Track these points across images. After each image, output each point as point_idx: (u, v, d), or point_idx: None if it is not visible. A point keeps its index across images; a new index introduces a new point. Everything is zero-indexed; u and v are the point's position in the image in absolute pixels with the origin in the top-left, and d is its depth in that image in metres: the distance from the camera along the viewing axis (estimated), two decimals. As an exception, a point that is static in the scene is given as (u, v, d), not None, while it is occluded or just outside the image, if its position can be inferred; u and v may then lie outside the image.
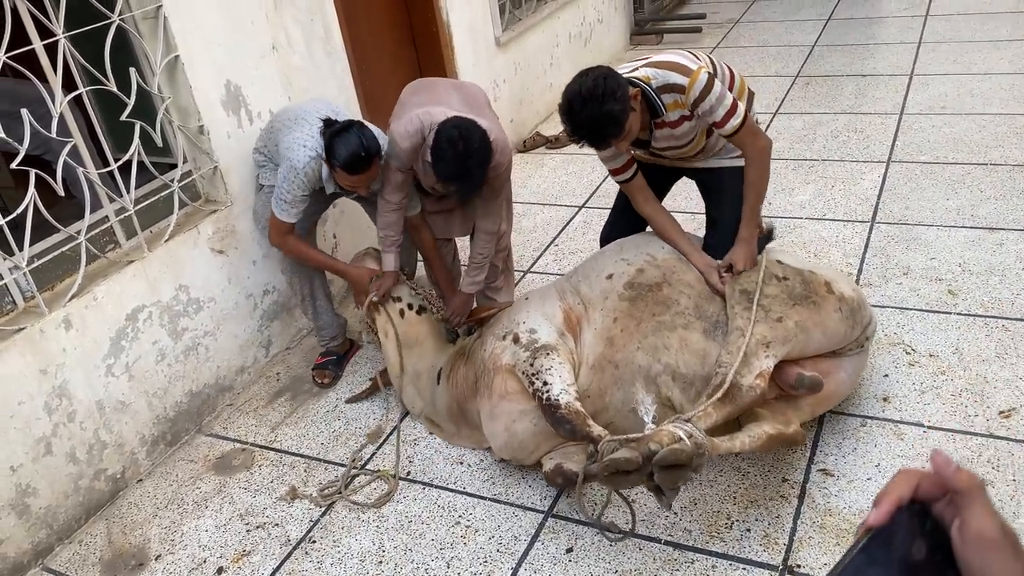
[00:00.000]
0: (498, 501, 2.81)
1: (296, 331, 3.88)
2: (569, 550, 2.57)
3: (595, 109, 2.45)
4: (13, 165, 2.67)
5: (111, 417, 3.02)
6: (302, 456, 3.16)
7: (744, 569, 2.41)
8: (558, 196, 4.91)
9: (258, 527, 2.84)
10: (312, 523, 2.83)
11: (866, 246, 3.90)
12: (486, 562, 2.58)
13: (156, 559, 2.80)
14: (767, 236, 2.93)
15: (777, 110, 5.65)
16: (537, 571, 2.52)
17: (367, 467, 3.05)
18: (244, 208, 3.48)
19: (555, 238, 4.47)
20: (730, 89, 2.75)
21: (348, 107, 4.06)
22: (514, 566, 2.55)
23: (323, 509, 2.87)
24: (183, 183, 3.28)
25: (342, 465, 3.07)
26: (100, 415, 2.98)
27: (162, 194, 3.23)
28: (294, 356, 3.77)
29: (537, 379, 2.62)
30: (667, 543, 2.54)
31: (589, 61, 6.42)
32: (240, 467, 3.14)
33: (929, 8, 7.32)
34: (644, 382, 2.66)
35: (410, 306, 3.22)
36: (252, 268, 3.59)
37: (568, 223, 4.59)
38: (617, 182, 2.94)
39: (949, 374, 3.03)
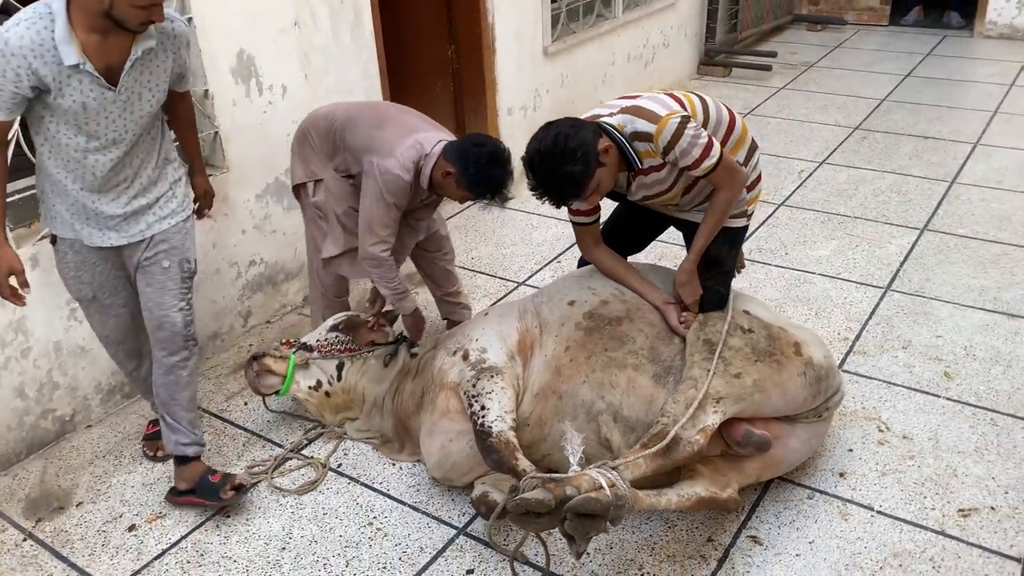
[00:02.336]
0: (416, 509, 2.74)
1: (279, 306, 3.90)
2: (470, 572, 2.49)
3: (553, 169, 2.34)
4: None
5: (67, 360, 3.07)
6: (245, 430, 3.16)
7: (639, 625, 2.29)
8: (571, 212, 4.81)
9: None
10: (231, 503, 2.81)
11: (872, 312, 3.70)
12: (384, 568, 2.52)
13: (77, 506, 2.83)
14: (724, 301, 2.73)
15: (824, 160, 5.43)
16: (432, 587, 2.45)
17: (303, 451, 3.02)
18: (240, 176, 3.51)
19: (559, 255, 4.38)
20: (728, 133, 2.62)
21: (370, 95, 4.07)
22: (410, 577, 2.48)
23: (247, 487, 2.85)
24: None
25: (281, 446, 3.06)
26: (56, 356, 3.03)
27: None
28: (271, 331, 3.78)
29: (476, 402, 2.56)
30: (567, 582, 2.43)
31: (647, 85, 6.34)
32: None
33: (1017, 78, 6.96)
34: (585, 418, 2.56)
35: (318, 384, 3.00)
36: (240, 237, 3.61)
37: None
38: (572, 222, 2.76)
39: (918, 460, 2.83)
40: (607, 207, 2.82)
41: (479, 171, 2.84)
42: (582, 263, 3.07)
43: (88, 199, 2.47)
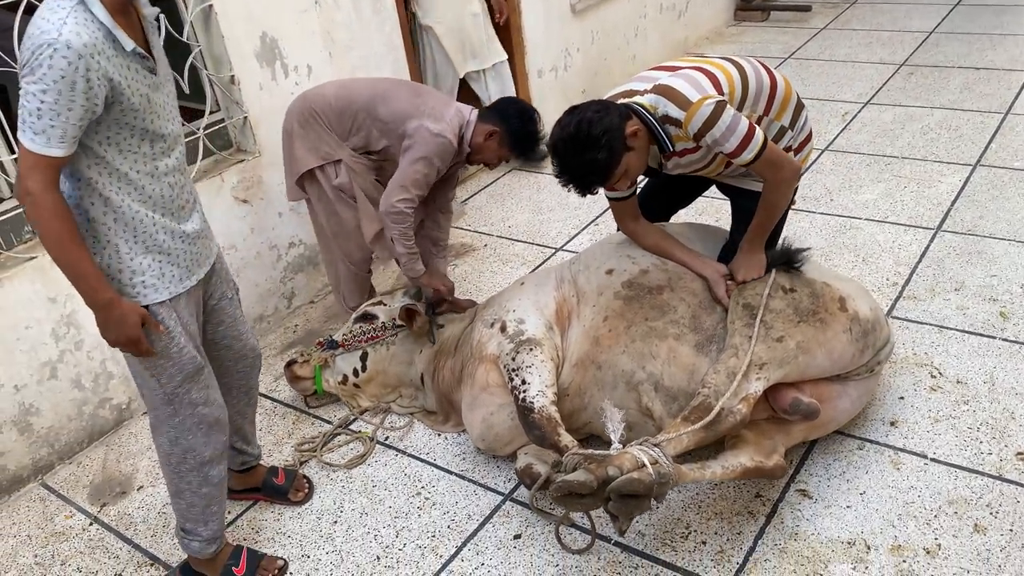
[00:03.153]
0: (463, 477, 2.77)
1: (322, 285, 3.95)
2: (517, 536, 2.52)
3: (578, 156, 2.27)
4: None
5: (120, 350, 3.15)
6: (294, 408, 3.22)
7: (688, 583, 2.29)
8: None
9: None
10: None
11: (922, 255, 3.58)
12: (434, 536, 2.56)
13: (138, 490, 2.93)
14: (788, 256, 2.60)
15: (869, 100, 5.25)
16: (480, 553, 2.48)
17: (351, 427, 3.08)
18: (272, 160, 3.54)
19: (596, 218, 4.34)
20: (771, 98, 2.49)
21: (396, 69, 4.05)
22: (459, 544, 2.51)
23: (299, 464, 2.92)
24: (209, 131, 3.36)
25: (329, 423, 3.11)
26: (109, 347, 3.11)
27: (187, 140, 3.31)
28: (315, 310, 3.84)
29: (517, 376, 2.55)
30: (616, 544, 2.43)
31: (682, 36, 6.19)
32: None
33: (1075, -2, 6.60)
34: (625, 388, 2.53)
35: (345, 378, 3.06)
36: (278, 220, 3.65)
37: (615, 202, 4.43)
38: (608, 198, 2.70)
39: (973, 404, 2.74)
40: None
41: (521, 127, 3.02)
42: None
43: (171, 225, 2.05)
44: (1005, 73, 5.36)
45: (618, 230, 2.91)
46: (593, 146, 2.25)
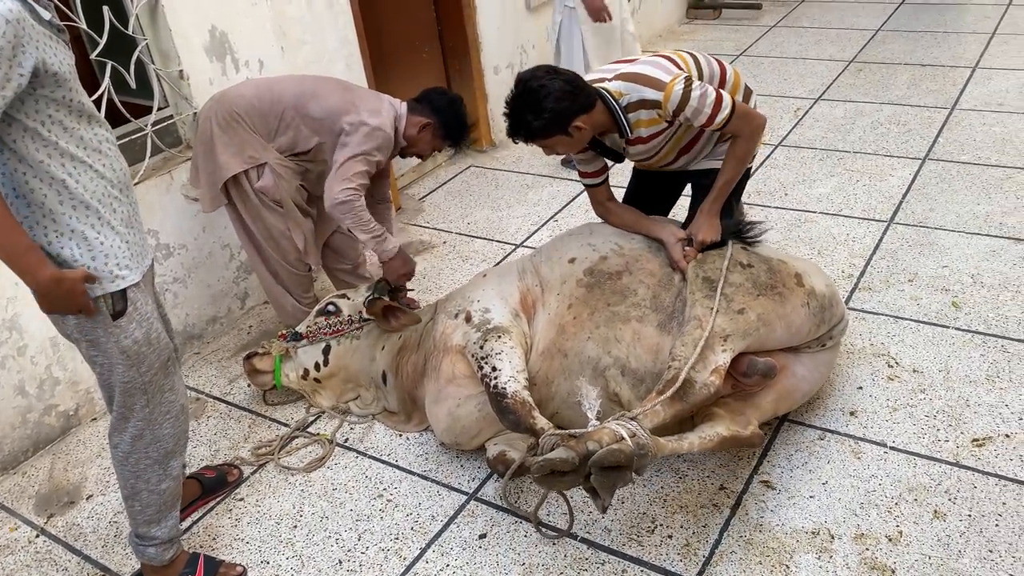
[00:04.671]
0: (425, 478, 2.72)
1: (277, 286, 3.86)
2: (482, 536, 2.48)
3: (519, 108, 2.40)
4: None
5: (65, 355, 3.04)
6: (250, 411, 3.14)
7: (655, 577, 2.28)
8: (568, 171, 4.74)
9: (190, 478, 2.83)
10: (242, 480, 2.80)
11: (876, 247, 3.63)
12: (397, 538, 2.51)
13: (87, 499, 2.82)
14: (741, 227, 2.70)
15: (820, 96, 5.32)
16: (445, 554, 2.43)
17: (309, 429, 3.01)
18: (224, 157, 3.44)
19: (556, 214, 4.32)
20: (721, 86, 2.62)
21: (350, 63, 3.98)
22: (423, 546, 2.47)
23: (254, 468, 2.85)
24: (157, 128, 3.26)
25: (286, 425, 3.04)
26: (54, 351, 3.01)
27: (133, 137, 3.21)
28: (270, 311, 3.75)
29: (486, 363, 2.51)
30: (582, 540, 2.41)
31: (636, 33, 6.17)
32: (190, 416, 3.13)
33: (1014, -3, 6.79)
34: (592, 374, 2.52)
35: (306, 372, 3.00)
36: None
37: (573, 200, 4.43)
38: (584, 184, 2.82)
39: (929, 393, 2.79)
40: (618, 179, 2.77)
41: (452, 116, 3.04)
42: None
43: (126, 199, 2.00)
44: (949, 69, 5.48)
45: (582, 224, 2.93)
46: (535, 112, 2.38)
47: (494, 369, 2.48)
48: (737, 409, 2.45)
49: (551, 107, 2.35)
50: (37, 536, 2.69)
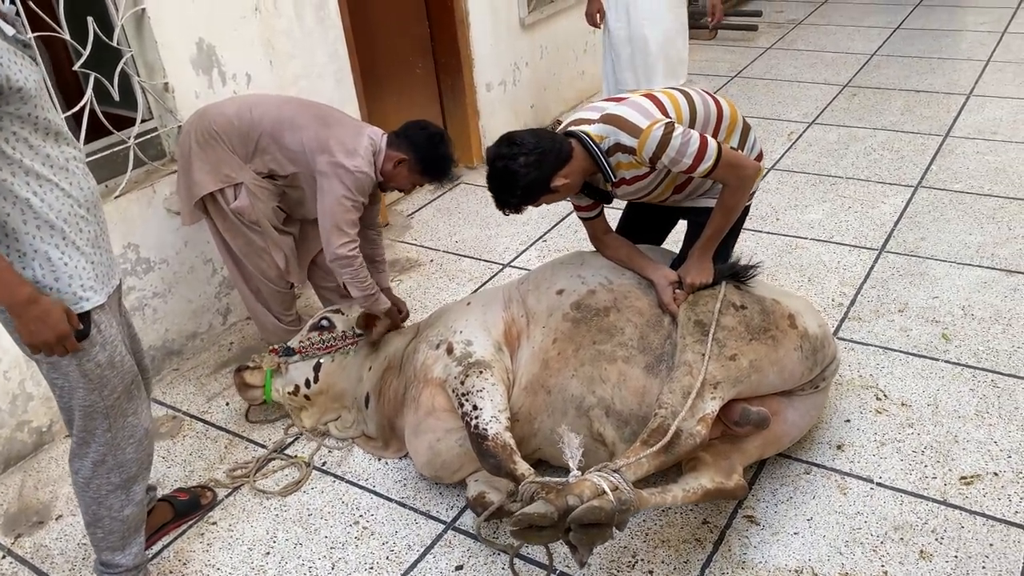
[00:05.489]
0: (403, 505, 2.67)
1: (260, 301, 3.80)
2: (459, 567, 2.42)
3: (496, 189, 2.38)
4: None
5: (39, 370, 2.98)
6: (227, 432, 3.07)
7: (634, 615, 2.22)
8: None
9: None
10: (215, 503, 2.74)
11: (867, 276, 3.60)
12: (371, 568, 2.44)
13: (57, 519, 2.75)
14: (736, 270, 2.61)
15: (814, 120, 5.30)
16: (420, 586, 2.38)
17: (286, 451, 2.95)
18: (208, 171, 3.39)
19: (544, 234, 4.28)
20: (718, 123, 2.54)
21: (340, 79, 3.95)
22: (398, 577, 2.41)
23: (229, 491, 2.78)
24: (140, 140, 3.21)
25: (264, 447, 2.98)
26: (28, 366, 2.95)
27: (116, 149, 3.16)
28: (252, 327, 3.68)
29: (467, 401, 2.45)
30: (561, 574, 2.35)
31: (684, 57, 6.17)
32: (165, 435, 3.07)
33: (1009, 24, 6.80)
34: (576, 413, 2.47)
35: (296, 389, 2.93)
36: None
37: (562, 220, 4.39)
38: (579, 217, 2.74)
39: (917, 427, 2.74)
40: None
41: (430, 152, 2.91)
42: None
43: (93, 218, 1.95)
44: (944, 96, 5.47)
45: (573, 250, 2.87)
46: (509, 191, 2.35)
47: (475, 408, 2.41)
48: (722, 452, 2.39)
49: (523, 183, 2.31)
50: (3, 557, 2.62)
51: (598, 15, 4.65)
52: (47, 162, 1.83)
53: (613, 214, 2.98)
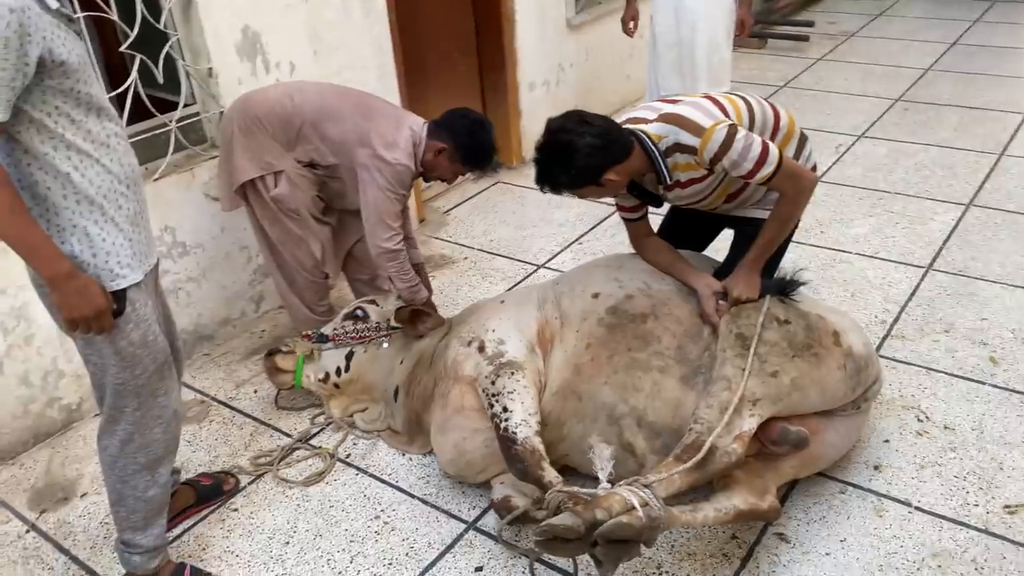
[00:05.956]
0: (425, 502, 2.63)
1: (293, 291, 3.80)
2: (479, 569, 2.38)
3: (545, 162, 2.29)
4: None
5: (72, 347, 2.96)
6: (253, 419, 3.07)
7: (656, 628, 2.16)
8: (598, 193, 4.64)
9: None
10: (238, 490, 2.73)
11: (912, 293, 3.48)
12: (391, 564, 2.41)
13: (82, 496, 2.76)
14: (783, 285, 2.51)
15: (863, 133, 5.18)
16: (438, 585, 2.34)
17: (311, 441, 2.93)
18: (248, 158, 3.40)
19: (581, 236, 4.22)
20: (775, 132, 2.47)
21: (383, 72, 3.93)
22: (417, 574, 2.37)
23: (252, 478, 2.77)
24: (182, 124, 3.22)
25: (289, 435, 2.96)
26: (61, 343, 2.97)
27: (158, 132, 3.17)
28: (284, 316, 3.67)
29: (497, 402, 2.39)
30: (582, 582, 2.30)
31: (728, 61, 6.11)
32: (192, 420, 3.07)
33: (1071, 44, 6.60)
34: (606, 421, 2.41)
35: (327, 376, 2.90)
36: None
37: (600, 223, 4.33)
38: (622, 218, 2.68)
39: (960, 452, 2.64)
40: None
41: (471, 140, 2.87)
42: None
43: (133, 196, 1.94)
44: (1001, 114, 5.31)
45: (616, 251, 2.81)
46: (562, 167, 2.27)
47: (505, 410, 2.36)
48: (756, 471, 2.31)
49: (580, 164, 2.23)
50: (27, 531, 2.64)
51: (632, 23, 4.59)
52: (88, 137, 1.83)
53: (655, 219, 2.92)
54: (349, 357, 2.92)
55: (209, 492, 2.66)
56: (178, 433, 2.21)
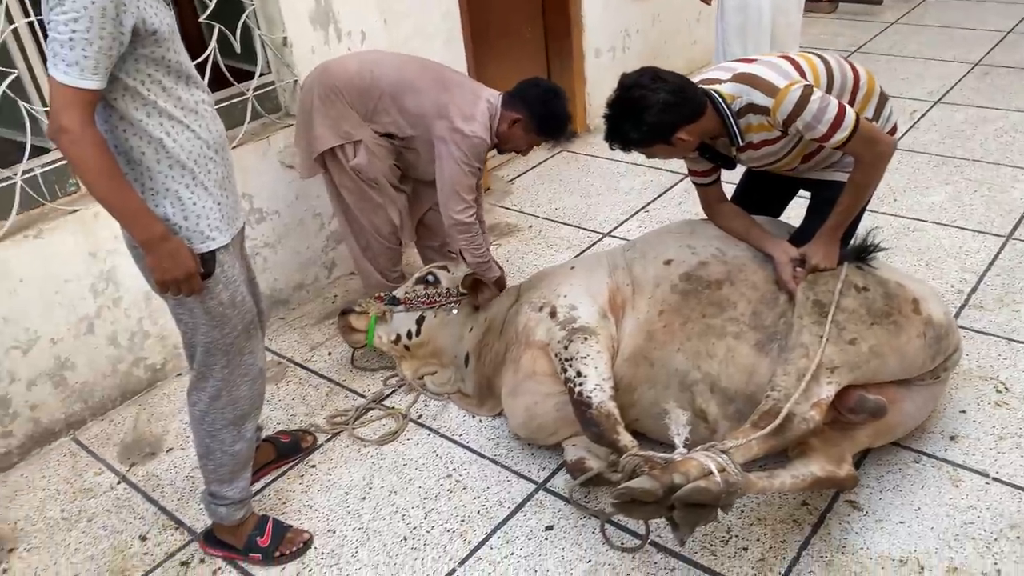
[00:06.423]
0: (496, 463, 2.68)
1: (363, 257, 3.87)
2: (549, 528, 2.42)
3: (617, 117, 2.28)
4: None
5: (157, 309, 3.12)
6: (328, 380, 3.16)
7: (726, 590, 2.18)
8: (664, 160, 4.60)
9: (266, 440, 2.86)
10: (315, 447, 2.82)
11: (991, 263, 3.39)
12: (463, 521, 2.48)
13: (167, 452, 2.89)
14: (861, 249, 2.48)
15: (939, 99, 5.02)
16: (510, 542, 2.39)
17: (384, 402, 3.01)
18: (321, 126, 3.46)
19: (647, 204, 4.20)
20: (855, 92, 2.42)
21: (450, 39, 3.95)
22: (488, 531, 2.43)
23: (328, 436, 2.87)
24: (258, 93, 3.30)
25: (363, 396, 3.05)
26: (146, 305, 3.09)
27: (235, 101, 3.25)
28: (355, 281, 3.77)
29: (571, 367, 2.42)
30: (652, 543, 2.33)
31: (797, 27, 5.98)
32: (270, 380, 3.17)
33: None
34: (679, 387, 2.42)
35: (398, 338, 2.99)
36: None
37: (667, 190, 4.30)
38: (694, 183, 2.66)
39: (1041, 424, 2.58)
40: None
41: (545, 110, 2.89)
42: None
43: (221, 160, 2.01)
44: (1087, 78, 5.09)
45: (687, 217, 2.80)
46: (633, 123, 2.25)
47: (579, 374, 2.39)
48: (831, 440, 2.29)
49: (651, 120, 2.21)
50: (119, 483, 2.78)
51: None
52: (179, 104, 1.90)
53: (727, 186, 2.90)
54: (420, 321, 2.98)
55: (288, 449, 2.76)
56: (263, 390, 2.30)
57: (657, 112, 2.21)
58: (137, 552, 2.50)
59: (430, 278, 3.06)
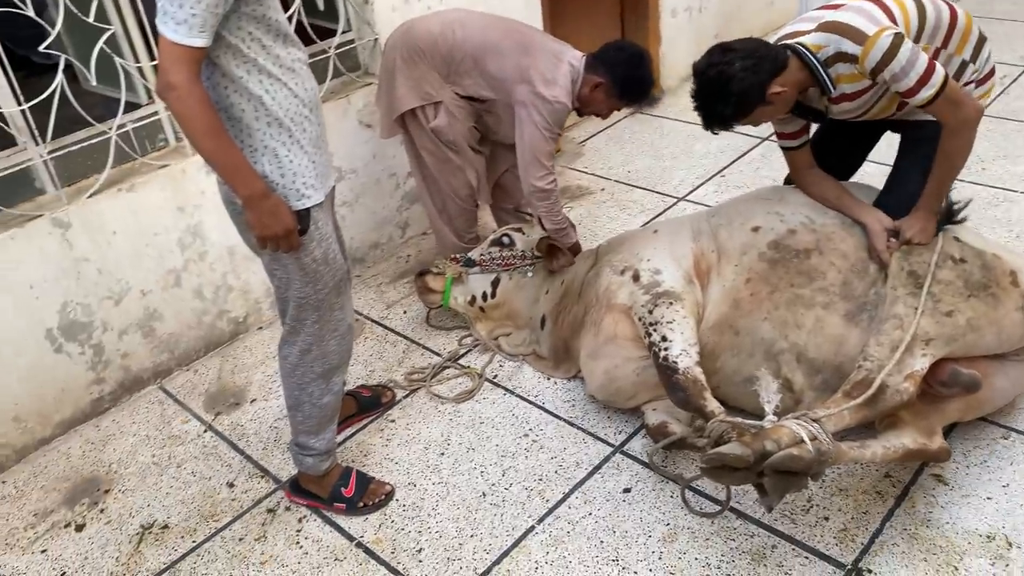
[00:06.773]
0: (572, 424, 2.71)
1: (436, 217, 3.90)
2: (627, 490, 2.44)
3: (705, 100, 2.24)
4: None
5: (240, 264, 3.20)
6: (405, 338, 3.21)
7: (807, 559, 2.17)
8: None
9: (348, 394, 2.92)
10: (395, 402, 2.88)
11: (1087, 236, 3.27)
12: (541, 479, 2.51)
13: (251, 402, 2.98)
14: (948, 214, 2.44)
15: (1032, 62, 4.81)
16: (588, 502, 2.42)
17: (459, 361, 3.05)
18: (399, 86, 3.47)
19: (723, 168, 4.13)
20: (951, 32, 2.31)
21: (529, 5, 3.91)
22: (567, 491, 2.46)
23: (406, 393, 2.92)
24: (339, 51, 3.31)
25: (438, 355, 3.09)
26: (230, 260, 3.17)
27: (317, 59, 3.27)
28: (428, 241, 3.80)
29: (655, 331, 2.42)
30: (731, 509, 2.33)
31: None
32: (354, 336, 3.23)
33: None
34: (764, 356, 2.40)
35: (473, 299, 3.03)
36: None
37: (744, 154, 4.22)
38: (780, 146, 2.60)
39: None
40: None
41: (629, 73, 2.85)
42: (788, 180, 2.84)
43: (316, 119, 2.04)
44: None
45: (785, 181, 2.78)
46: (722, 100, 2.22)
47: (664, 339, 2.38)
48: (921, 412, 2.25)
49: (738, 89, 2.17)
50: (205, 431, 2.87)
51: None
52: (277, 62, 1.91)
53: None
54: (496, 283, 3.00)
55: (369, 403, 2.82)
56: (351, 346, 2.35)
57: (739, 80, 2.17)
58: (225, 498, 2.59)
59: (505, 240, 3.07)
